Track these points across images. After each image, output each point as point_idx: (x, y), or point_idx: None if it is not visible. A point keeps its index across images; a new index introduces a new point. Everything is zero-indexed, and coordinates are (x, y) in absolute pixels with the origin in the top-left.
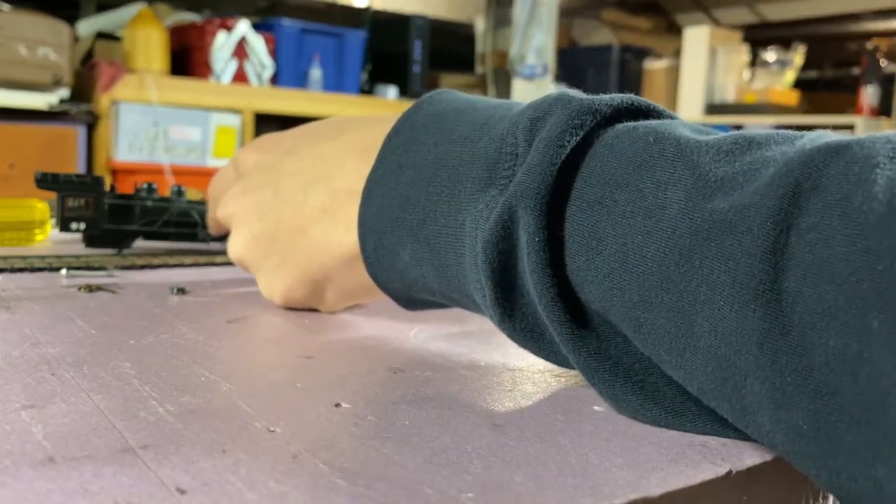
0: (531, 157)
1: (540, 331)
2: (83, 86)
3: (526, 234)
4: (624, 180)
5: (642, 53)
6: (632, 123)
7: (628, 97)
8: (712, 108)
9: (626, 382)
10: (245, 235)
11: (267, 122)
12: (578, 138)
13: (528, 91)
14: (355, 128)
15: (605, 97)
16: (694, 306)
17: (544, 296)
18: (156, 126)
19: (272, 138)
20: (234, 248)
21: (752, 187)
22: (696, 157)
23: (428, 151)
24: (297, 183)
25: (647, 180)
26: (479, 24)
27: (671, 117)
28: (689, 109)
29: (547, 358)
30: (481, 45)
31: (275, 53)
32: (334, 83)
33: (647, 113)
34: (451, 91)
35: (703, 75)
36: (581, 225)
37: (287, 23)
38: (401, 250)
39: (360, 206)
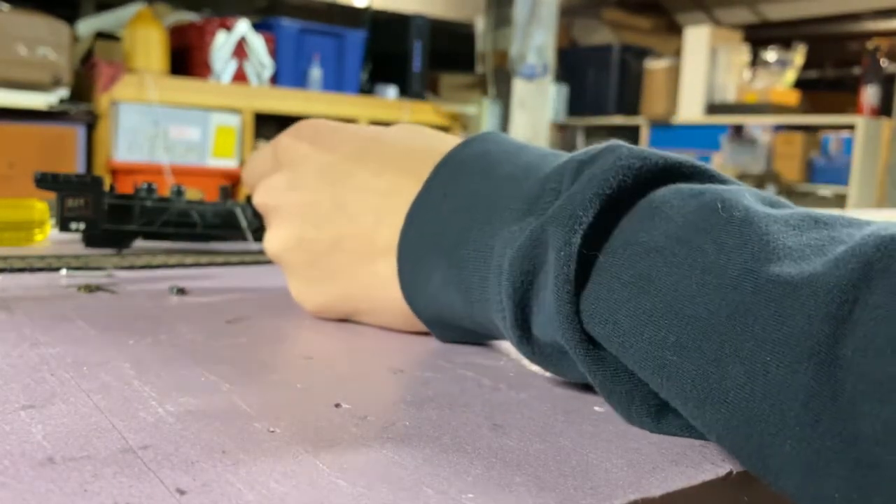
0: (574, 188)
1: (560, 353)
2: (83, 86)
3: (554, 249)
4: (686, 237)
5: (642, 53)
6: (699, 186)
7: (686, 159)
8: (712, 108)
9: (642, 405)
10: (289, 235)
11: (267, 122)
12: (628, 180)
13: (528, 90)
14: (424, 154)
15: (659, 151)
16: (733, 357)
17: (562, 310)
18: (155, 126)
19: (317, 129)
20: (275, 244)
21: (820, 260)
22: (764, 225)
23: (471, 182)
24: (366, 204)
25: (709, 242)
26: (479, 24)
27: (729, 181)
28: (690, 109)
29: (565, 376)
30: (481, 44)
31: (274, 53)
32: (334, 83)
33: (701, 173)
34: (503, 134)
35: (703, 75)
36: (633, 265)
37: (287, 23)
38: (433, 274)
39: (402, 231)
